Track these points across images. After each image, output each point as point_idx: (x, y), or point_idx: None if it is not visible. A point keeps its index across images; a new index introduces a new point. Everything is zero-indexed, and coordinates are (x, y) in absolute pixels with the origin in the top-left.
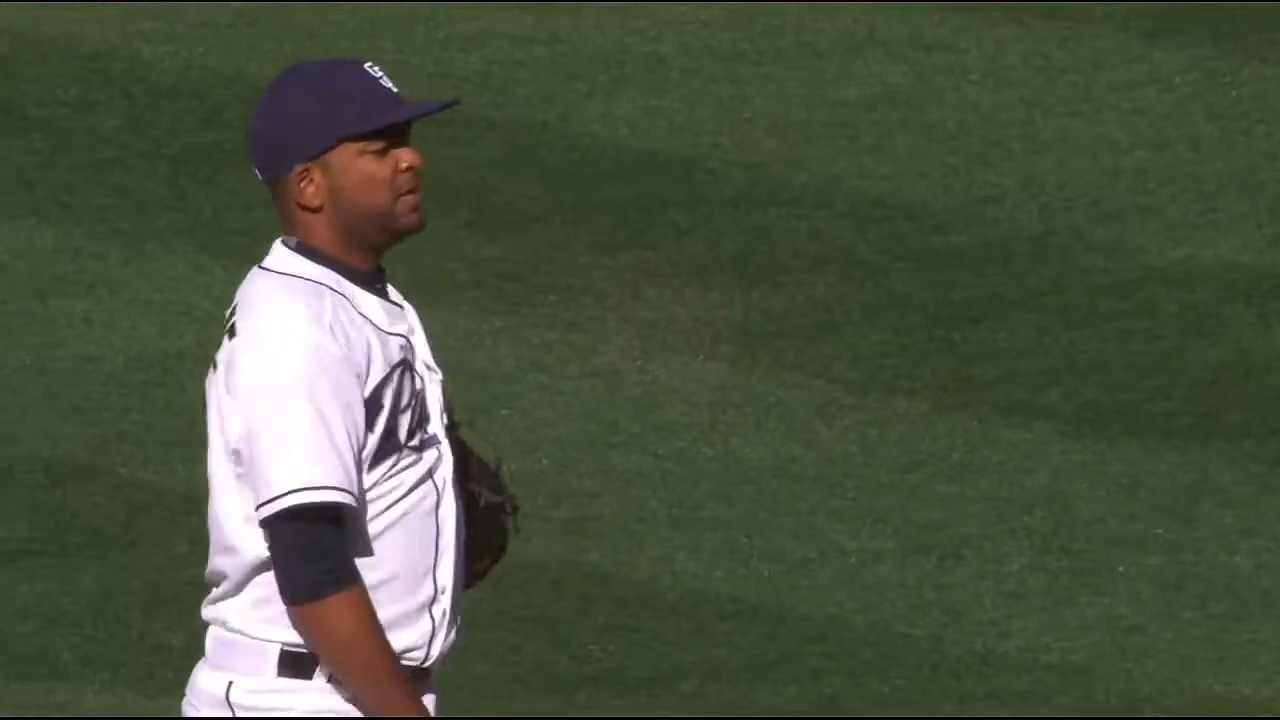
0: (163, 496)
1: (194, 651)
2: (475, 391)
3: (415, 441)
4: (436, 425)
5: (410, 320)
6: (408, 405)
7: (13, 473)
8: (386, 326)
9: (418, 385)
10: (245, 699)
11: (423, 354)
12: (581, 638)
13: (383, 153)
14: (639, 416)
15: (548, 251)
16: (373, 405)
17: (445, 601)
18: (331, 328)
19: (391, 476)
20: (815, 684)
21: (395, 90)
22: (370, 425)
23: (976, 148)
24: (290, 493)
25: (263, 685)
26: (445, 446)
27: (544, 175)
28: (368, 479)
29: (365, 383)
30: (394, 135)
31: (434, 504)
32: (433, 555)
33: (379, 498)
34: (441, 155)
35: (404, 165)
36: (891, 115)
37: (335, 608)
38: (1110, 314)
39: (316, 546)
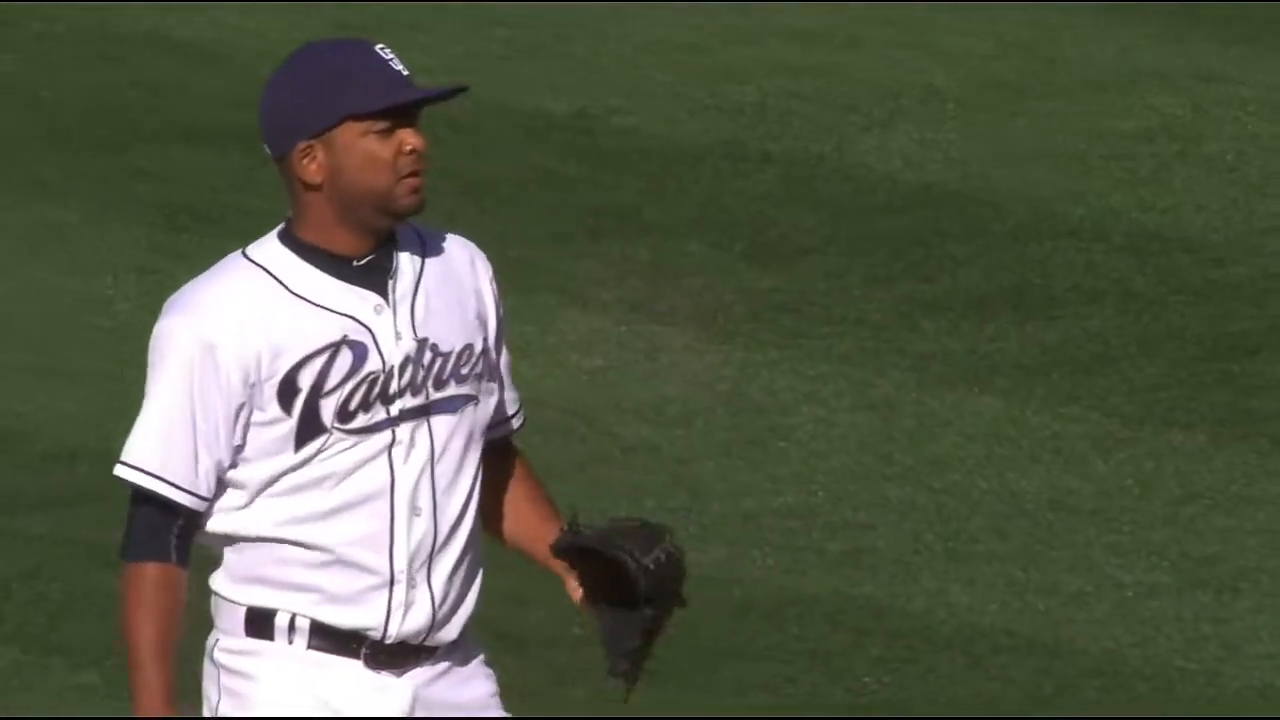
0: None
1: None
2: (750, 424)
3: (353, 424)
4: (405, 403)
5: (402, 300)
6: (337, 387)
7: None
8: (331, 305)
9: (369, 366)
10: (222, 656)
11: (393, 345)
12: (856, 670)
13: (387, 134)
14: (914, 449)
15: (823, 283)
16: (287, 388)
17: (410, 585)
18: (233, 311)
19: (324, 459)
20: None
21: (405, 73)
22: (286, 409)
23: (1255, 179)
24: (118, 463)
25: (235, 645)
26: (422, 428)
27: (819, 207)
28: (294, 459)
29: (263, 369)
30: (399, 117)
31: (386, 486)
32: (387, 539)
33: (313, 480)
34: (718, 187)
35: (408, 148)
36: (1169, 147)
37: (125, 577)
38: None
39: (130, 517)
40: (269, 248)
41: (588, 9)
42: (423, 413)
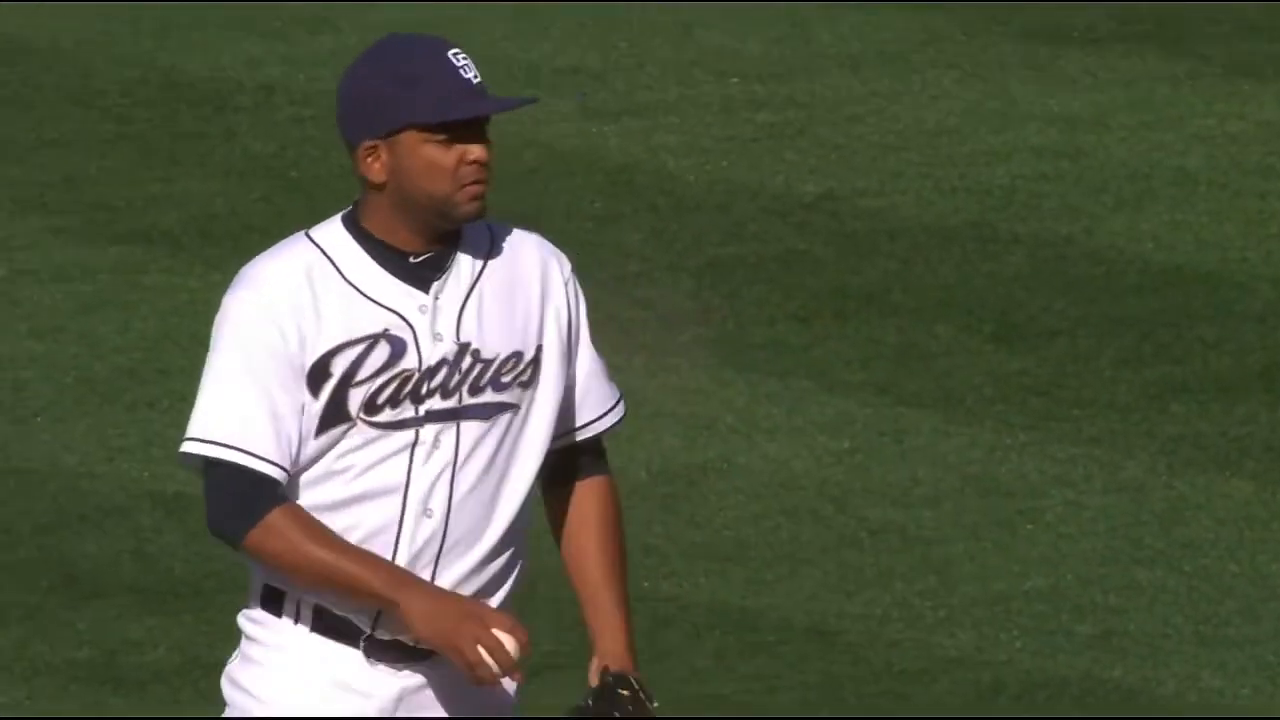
0: (686, 610)
1: None
2: (999, 506)
3: (378, 418)
4: (434, 404)
5: (449, 302)
6: (369, 379)
7: (537, 587)
8: (380, 298)
9: (404, 364)
10: (244, 622)
11: (434, 347)
12: None
13: (449, 142)
14: (1165, 532)
15: (1072, 365)
16: (318, 372)
17: None
18: (289, 285)
19: (345, 450)
20: None
21: (475, 81)
22: (315, 392)
23: None
24: (186, 439)
25: (256, 615)
26: (449, 432)
27: (1069, 289)
28: (314, 445)
29: (306, 348)
30: (463, 127)
31: (401, 483)
32: (393, 536)
33: (332, 471)
34: (967, 269)
35: (470, 158)
36: None
37: (255, 545)
38: None
39: (216, 493)
40: (331, 230)
41: (838, 93)
42: (452, 416)
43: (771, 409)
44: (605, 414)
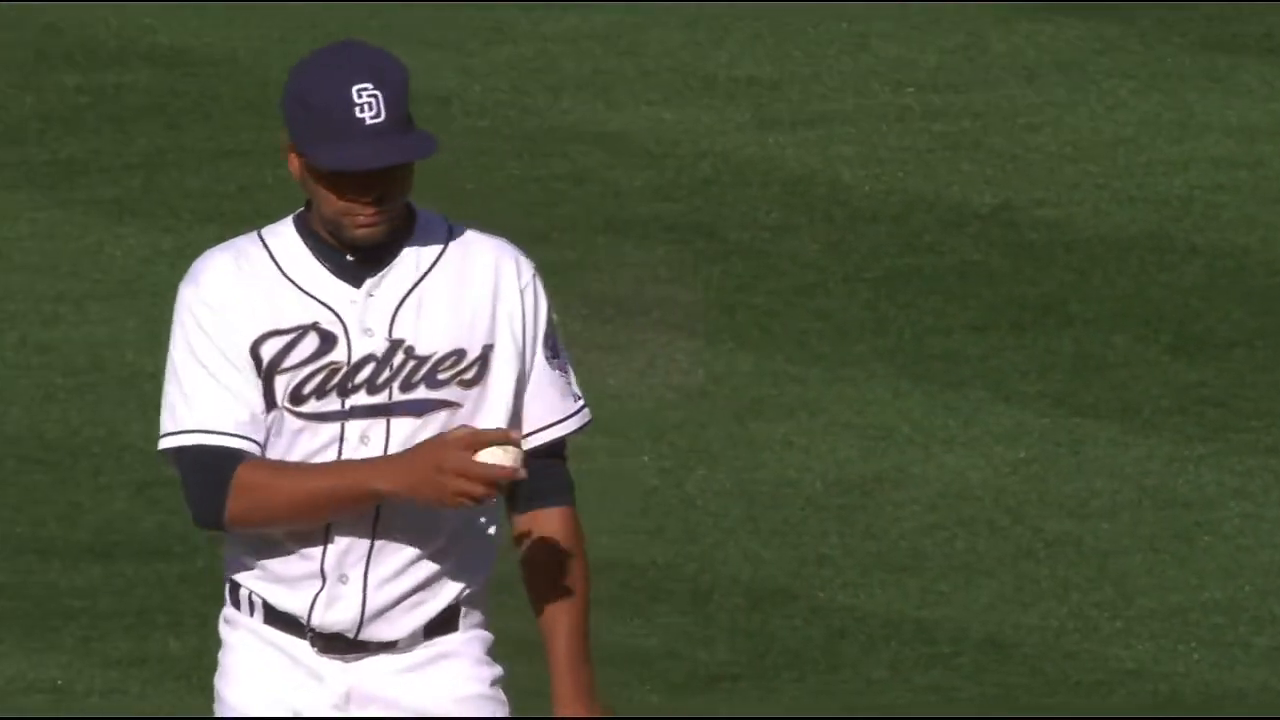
0: (862, 621)
1: None
2: (1177, 518)
3: (303, 408)
4: (360, 399)
5: (385, 298)
6: (295, 368)
7: (713, 596)
8: (315, 291)
9: (333, 356)
10: (220, 627)
11: (380, 326)
12: None
13: (337, 183)
14: None
15: (1251, 376)
16: (252, 357)
17: (340, 580)
18: (229, 278)
19: (275, 439)
20: None
21: (375, 120)
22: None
23: None
24: (161, 435)
25: (227, 613)
26: (378, 428)
27: (1247, 299)
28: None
29: (241, 333)
30: (355, 176)
31: None
32: (322, 530)
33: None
34: (1144, 280)
35: (356, 211)
36: None
37: (237, 514)
38: None
39: (189, 483)
40: (282, 229)
41: (1014, 103)
42: (381, 412)
43: (948, 420)
44: (559, 421)
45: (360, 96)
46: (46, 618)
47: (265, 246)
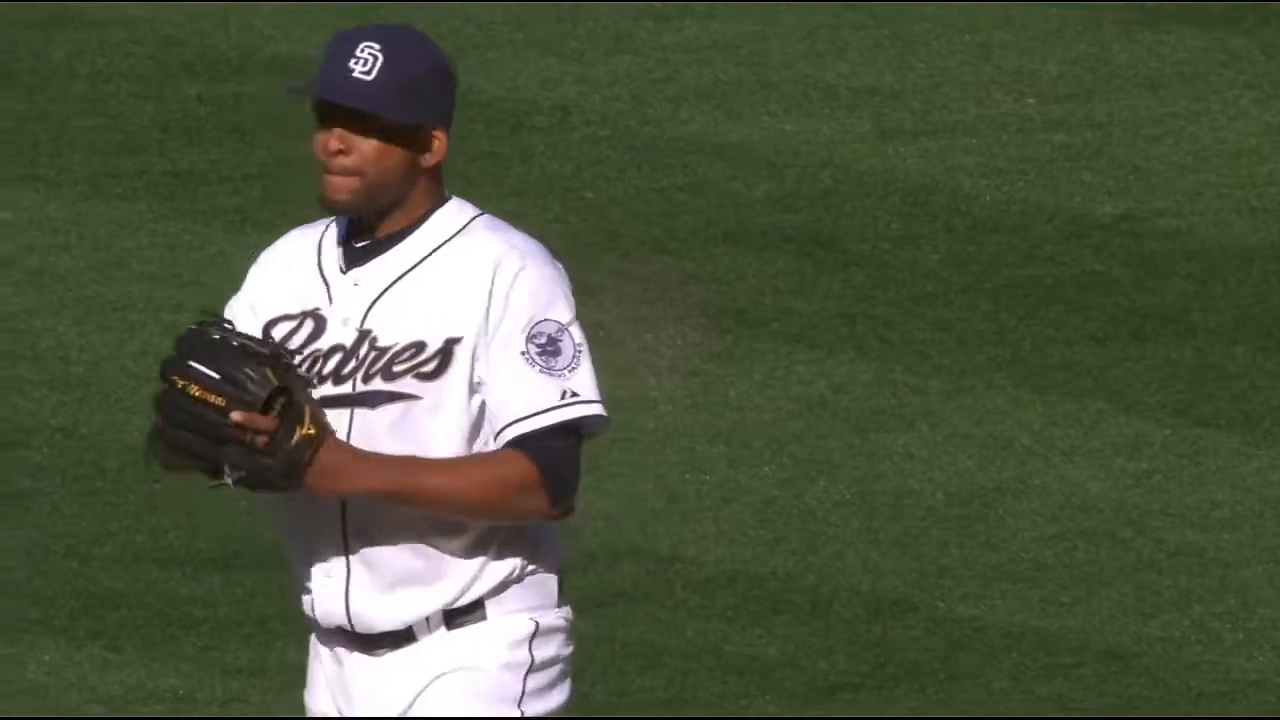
0: (982, 632)
1: None
2: None
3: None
4: (326, 390)
5: (367, 289)
6: (294, 353)
7: (833, 606)
8: (329, 276)
9: (316, 344)
10: None
11: (355, 316)
12: None
13: (320, 127)
14: None
15: None
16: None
17: (326, 573)
18: (276, 255)
19: None
20: None
21: (360, 75)
22: None
23: None
24: None
25: None
26: (342, 418)
27: None
28: None
29: (259, 312)
30: (325, 113)
31: None
32: (308, 520)
33: None
34: (1266, 289)
35: (321, 144)
36: None
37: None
38: None
39: None
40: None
41: (1135, 113)
42: (345, 403)
43: (1068, 430)
44: (528, 416)
45: (363, 52)
46: (167, 627)
47: (325, 229)
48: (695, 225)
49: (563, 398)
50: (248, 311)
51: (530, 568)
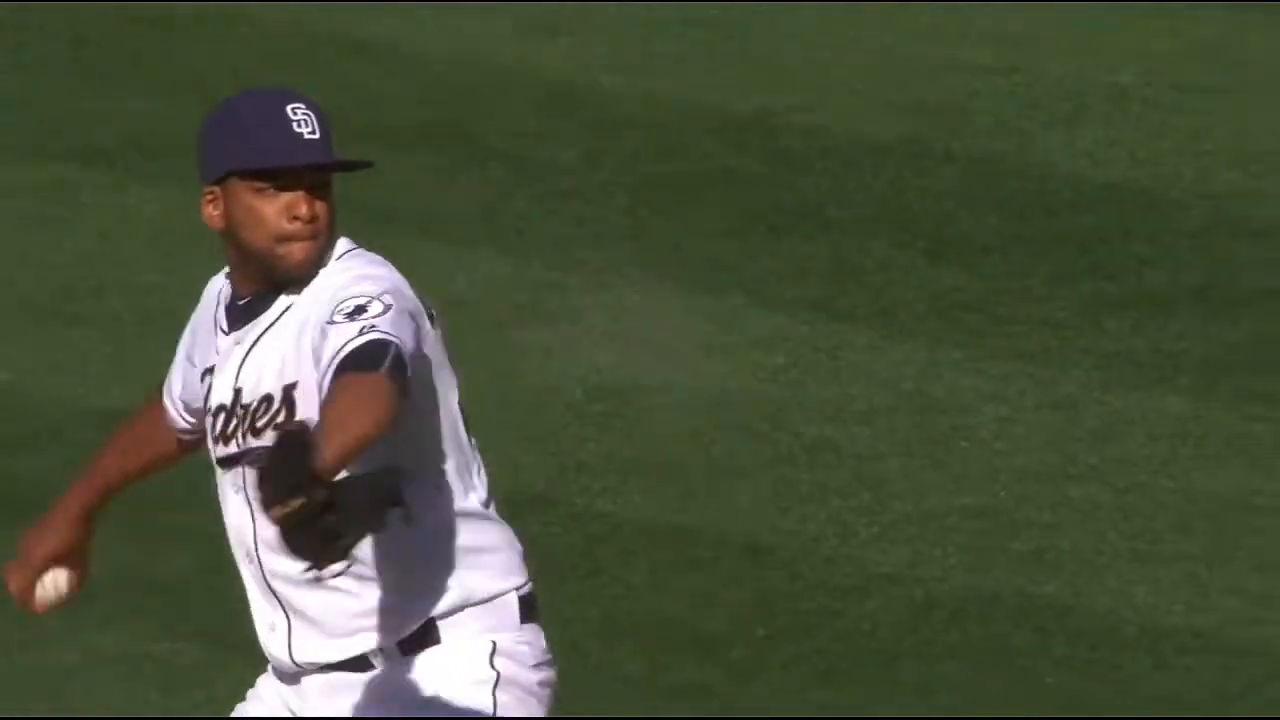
0: (621, 527)
1: (651, 681)
2: (933, 423)
3: (216, 452)
4: (220, 450)
5: (241, 347)
6: (206, 411)
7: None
8: (217, 338)
9: (209, 401)
10: None
11: (229, 376)
12: (1039, 670)
13: (274, 193)
14: (1098, 449)
15: (1006, 282)
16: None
17: (269, 621)
18: (200, 310)
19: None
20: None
21: (311, 135)
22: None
23: None
24: None
25: None
26: (239, 476)
27: (1002, 205)
28: None
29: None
30: (290, 180)
31: (233, 526)
32: (247, 575)
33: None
34: (900, 185)
35: (292, 212)
36: None
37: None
38: None
39: None
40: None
41: (772, 11)
42: (236, 461)
43: (706, 325)
44: (336, 351)
45: (295, 114)
46: None
47: (225, 282)
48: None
49: (361, 332)
50: (186, 363)
51: (481, 592)
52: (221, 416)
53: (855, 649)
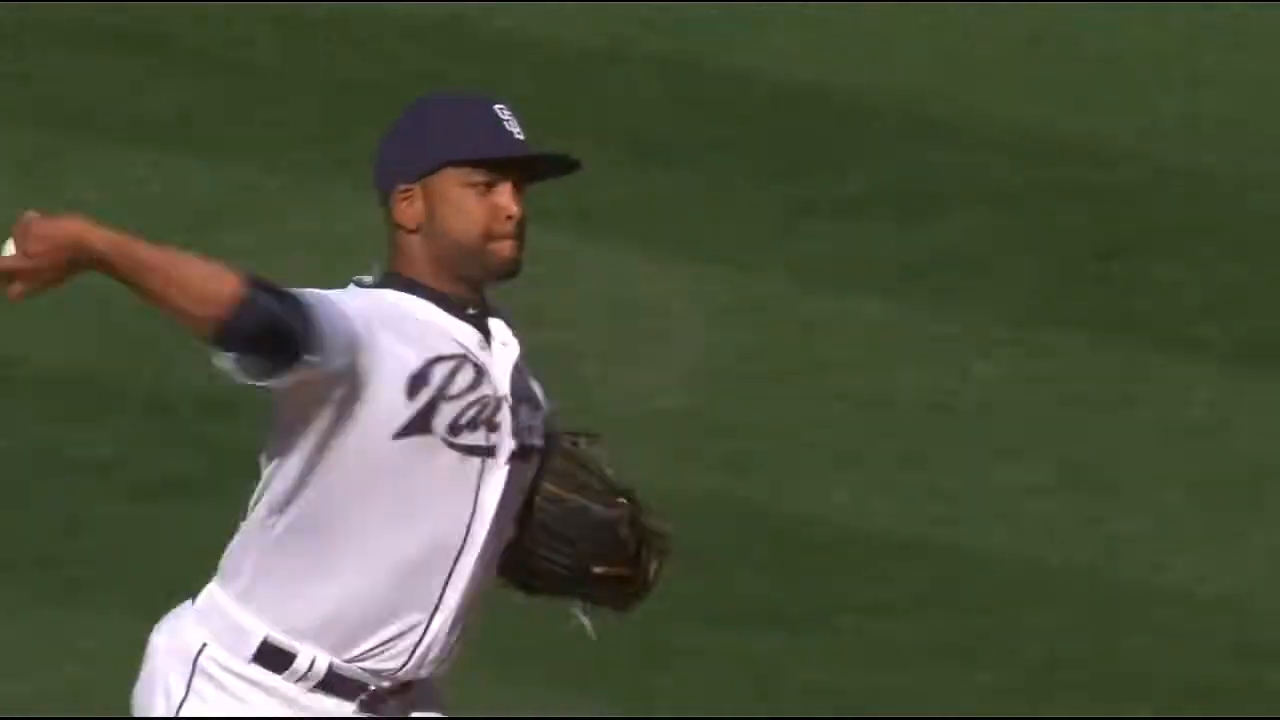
0: None
1: None
2: (627, 327)
3: (460, 439)
4: (498, 441)
5: (500, 354)
6: (459, 395)
7: (172, 405)
8: (450, 328)
9: (485, 389)
10: (209, 665)
11: (503, 383)
12: (738, 573)
13: (484, 190)
14: (795, 351)
15: (704, 184)
16: (418, 380)
17: (441, 625)
18: (400, 312)
19: (416, 463)
20: (972, 618)
21: (518, 136)
22: (411, 395)
23: (1138, 81)
24: None
25: (233, 665)
26: (505, 469)
27: (700, 107)
28: (389, 446)
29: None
30: (500, 175)
31: (466, 515)
32: (446, 570)
33: (398, 480)
34: (600, 87)
35: (503, 213)
36: (1051, 50)
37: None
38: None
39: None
40: (373, 286)
41: None
42: (511, 454)
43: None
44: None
45: (504, 114)
46: None
47: (383, 291)
48: (18, 27)
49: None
50: (383, 338)
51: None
52: (508, 407)
53: None
